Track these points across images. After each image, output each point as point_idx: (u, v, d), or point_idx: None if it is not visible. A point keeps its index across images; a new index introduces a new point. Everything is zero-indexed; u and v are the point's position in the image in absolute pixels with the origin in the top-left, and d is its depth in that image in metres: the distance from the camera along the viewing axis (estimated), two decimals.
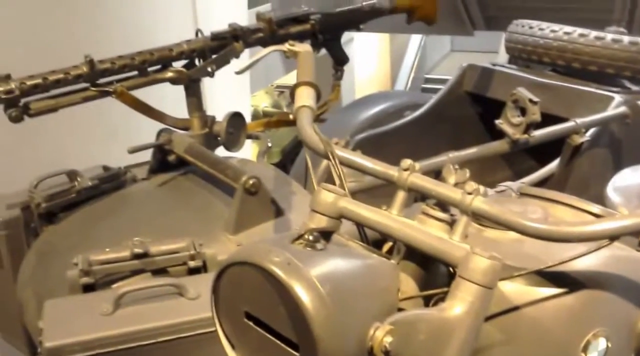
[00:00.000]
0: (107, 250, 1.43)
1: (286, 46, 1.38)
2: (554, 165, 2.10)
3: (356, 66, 7.71)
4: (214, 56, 1.77)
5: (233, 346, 0.95)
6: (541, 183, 2.10)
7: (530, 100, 1.67)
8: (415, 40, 8.80)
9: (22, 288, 1.59)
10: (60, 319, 1.30)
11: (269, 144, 2.02)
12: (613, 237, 0.95)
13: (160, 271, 1.45)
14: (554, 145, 2.04)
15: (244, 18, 3.14)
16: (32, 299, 1.53)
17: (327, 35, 1.93)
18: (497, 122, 1.76)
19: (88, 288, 1.40)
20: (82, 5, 2.27)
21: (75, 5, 2.26)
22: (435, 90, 2.71)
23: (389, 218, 1.00)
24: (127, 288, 1.33)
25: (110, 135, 2.26)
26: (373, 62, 8.60)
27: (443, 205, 1.02)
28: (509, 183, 1.46)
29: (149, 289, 1.34)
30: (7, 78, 1.54)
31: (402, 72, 9.70)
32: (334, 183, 1.11)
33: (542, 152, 2.16)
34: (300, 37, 1.88)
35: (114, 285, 1.41)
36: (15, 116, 1.56)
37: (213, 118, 1.83)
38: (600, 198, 1.78)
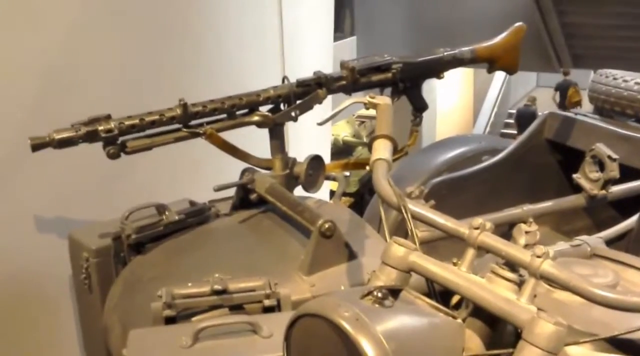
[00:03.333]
0: (189, 284, 1.51)
1: (367, 98, 1.43)
2: (633, 219, 2.06)
3: (439, 98, 7.68)
4: (298, 102, 1.85)
5: None
6: (620, 237, 2.06)
7: (609, 157, 1.67)
8: (500, 74, 8.67)
9: (108, 314, 1.69)
10: (143, 348, 1.37)
11: (347, 174, 2.06)
12: None
13: (236, 307, 1.51)
14: (637, 196, 2.00)
15: (329, 65, 3.23)
16: (117, 325, 1.62)
17: (408, 83, 1.98)
18: (574, 176, 1.76)
19: (169, 320, 1.48)
20: (184, 52, 2.41)
21: (178, 51, 2.40)
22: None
23: (457, 275, 1.03)
24: (206, 323, 1.40)
25: (197, 172, 2.37)
26: (456, 94, 8.55)
27: (512, 264, 1.05)
28: (585, 237, 1.46)
29: (226, 325, 1.41)
30: (108, 118, 1.67)
31: (485, 106, 9.57)
32: (407, 233, 1.15)
33: (625, 203, 2.12)
34: (381, 85, 1.94)
35: (194, 319, 1.49)
36: (113, 153, 1.68)
37: (294, 160, 1.91)
38: None
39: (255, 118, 1.82)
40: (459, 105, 8.45)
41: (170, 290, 1.47)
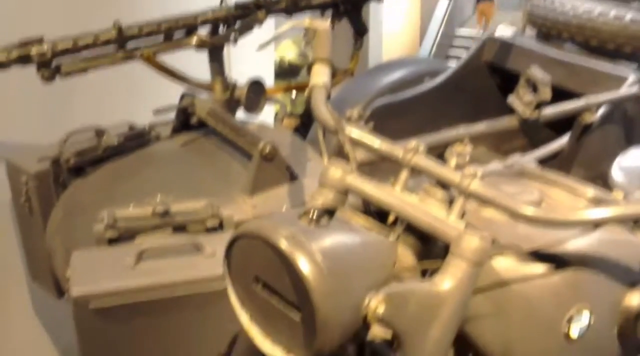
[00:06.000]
0: (131, 206, 1.52)
1: (305, 21, 1.43)
2: (565, 140, 2.15)
3: (385, 20, 7.61)
4: (237, 24, 1.83)
5: (242, 304, 1.04)
6: (553, 156, 2.15)
7: (542, 80, 1.72)
8: None
9: (50, 238, 1.70)
10: (86, 269, 1.40)
11: (293, 95, 2.07)
12: (598, 225, 1.02)
13: (179, 229, 1.54)
14: (571, 117, 2.07)
15: None
16: (60, 248, 1.63)
17: (349, 5, 1.97)
18: (509, 98, 1.81)
19: (112, 242, 1.50)
20: None
21: None
22: (465, 47, 2.71)
23: (391, 195, 1.07)
24: (149, 244, 1.43)
25: (136, 95, 2.34)
26: (403, 15, 8.47)
27: (443, 184, 1.09)
28: (517, 157, 1.52)
29: (169, 245, 1.44)
30: (40, 40, 1.62)
31: (432, 26, 9.53)
32: (346, 155, 1.18)
33: (560, 123, 2.19)
34: (322, 7, 1.93)
35: (136, 240, 1.51)
36: (47, 76, 1.65)
37: (235, 83, 1.90)
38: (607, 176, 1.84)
39: (193, 40, 1.80)
40: (405, 26, 8.40)
41: (112, 212, 1.49)
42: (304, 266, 0.89)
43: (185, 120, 1.91)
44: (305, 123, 4.73)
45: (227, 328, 1.36)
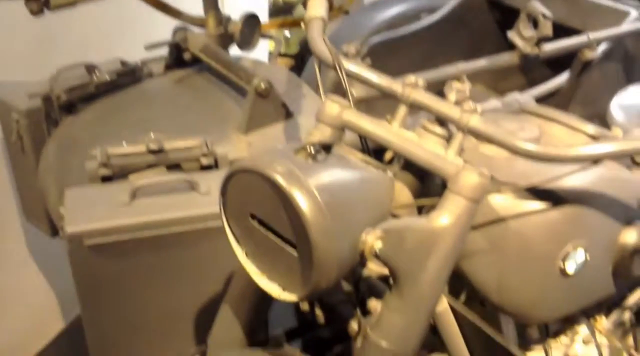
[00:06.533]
0: (124, 143, 1.50)
1: None
2: (564, 77, 2.12)
3: None
4: None
5: (238, 241, 1.04)
6: (551, 94, 2.13)
7: (543, 15, 1.68)
8: None
9: (43, 176, 1.68)
10: (80, 206, 1.39)
11: (288, 35, 2.02)
12: (597, 160, 1.01)
13: (173, 167, 1.52)
14: (570, 54, 2.04)
15: None
16: (53, 186, 1.62)
17: None
18: (509, 34, 1.77)
19: (106, 179, 1.49)
20: None
21: None
22: None
23: (389, 131, 1.06)
24: (144, 181, 1.41)
25: (127, 30, 2.28)
26: None
27: (442, 120, 1.08)
28: (516, 95, 1.50)
29: (163, 183, 1.42)
30: None
31: None
32: (344, 94, 1.16)
33: (559, 61, 2.16)
34: None
35: (130, 177, 1.49)
36: (35, 9, 1.60)
37: (228, 17, 1.86)
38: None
39: None
40: None
41: (105, 150, 1.47)
42: (301, 201, 0.88)
43: (178, 57, 1.87)
44: (298, 65, 4.66)
45: (223, 267, 1.37)
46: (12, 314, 2.08)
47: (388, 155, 1.18)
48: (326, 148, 0.99)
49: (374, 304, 1.02)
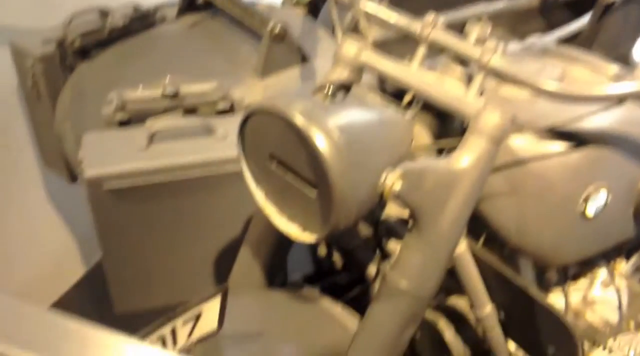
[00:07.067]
0: (140, 88, 1.50)
1: None
2: (585, 20, 2.06)
3: None
4: None
5: (257, 183, 1.04)
6: (571, 38, 2.08)
7: None
8: None
9: (60, 122, 1.68)
10: (98, 151, 1.39)
11: None
12: (622, 99, 0.98)
13: (190, 111, 1.52)
14: None
15: None
16: (70, 132, 1.62)
17: None
18: None
19: (123, 124, 1.48)
20: None
21: None
22: None
23: (408, 71, 1.04)
24: (161, 125, 1.41)
25: None
26: None
27: (464, 60, 1.05)
28: (537, 37, 1.47)
29: (180, 127, 1.42)
30: None
31: None
32: (359, 33, 1.14)
33: (580, 3, 2.11)
34: None
35: (147, 122, 1.49)
36: None
37: None
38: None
39: None
40: None
41: (121, 94, 1.46)
42: (320, 142, 0.87)
43: (192, 1, 1.84)
44: (312, 12, 4.59)
45: (241, 211, 1.37)
46: (33, 260, 2.12)
47: (407, 98, 1.16)
48: (344, 88, 0.97)
49: (393, 245, 1.02)
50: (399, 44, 1.50)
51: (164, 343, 0.93)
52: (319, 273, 1.40)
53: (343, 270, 1.37)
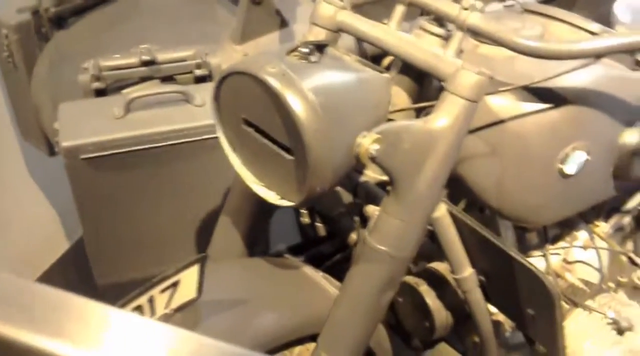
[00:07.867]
0: (117, 56, 1.47)
1: None
2: None
3: None
4: None
5: (234, 149, 1.02)
6: None
7: None
8: None
9: (36, 92, 1.66)
10: (74, 121, 1.37)
11: None
12: (600, 55, 0.97)
13: (167, 79, 1.49)
14: None
15: None
16: (47, 102, 1.60)
17: None
18: None
19: (99, 93, 1.46)
20: None
21: None
22: None
23: (386, 32, 1.02)
24: (137, 94, 1.39)
25: None
26: None
27: (441, 20, 1.04)
28: None
29: (157, 95, 1.40)
30: None
31: None
32: None
33: None
34: None
35: (124, 91, 1.47)
36: None
37: None
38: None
39: None
40: None
41: (97, 62, 1.44)
42: (294, 103, 0.86)
43: None
44: None
45: (220, 179, 1.36)
46: (16, 235, 2.10)
47: (386, 60, 1.15)
48: (320, 48, 0.96)
49: (371, 210, 1.01)
50: (377, 7, 1.49)
51: (141, 312, 0.93)
52: (304, 244, 1.39)
53: (327, 238, 1.37)
